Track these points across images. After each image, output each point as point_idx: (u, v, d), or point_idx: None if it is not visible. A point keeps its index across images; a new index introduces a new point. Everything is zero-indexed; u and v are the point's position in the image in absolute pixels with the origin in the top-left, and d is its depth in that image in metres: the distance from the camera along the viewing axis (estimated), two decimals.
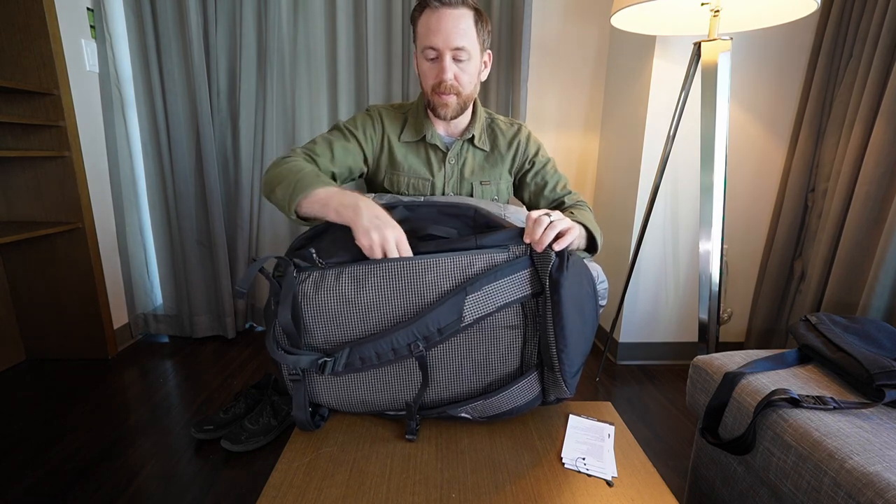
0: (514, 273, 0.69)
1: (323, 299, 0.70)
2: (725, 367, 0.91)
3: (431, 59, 0.91)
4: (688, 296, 1.82)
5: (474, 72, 0.94)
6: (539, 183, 1.05)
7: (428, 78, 0.93)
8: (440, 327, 0.69)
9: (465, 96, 0.93)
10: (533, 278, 0.70)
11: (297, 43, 1.81)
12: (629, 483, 0.65)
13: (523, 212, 0.89)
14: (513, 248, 0.71)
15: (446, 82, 0.90)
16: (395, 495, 0.62)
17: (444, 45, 0.87)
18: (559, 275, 0.67)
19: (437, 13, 0.87)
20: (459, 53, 0.89)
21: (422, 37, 0.90)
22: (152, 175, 1.87)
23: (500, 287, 0.69)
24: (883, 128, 1.28)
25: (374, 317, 0.70)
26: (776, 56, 1.62)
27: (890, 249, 1.23)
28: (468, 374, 0.73)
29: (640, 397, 1.61)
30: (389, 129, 1.00)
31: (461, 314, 0.68)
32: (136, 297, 1.96)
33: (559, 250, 0.69)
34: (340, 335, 0.71)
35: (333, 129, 0.99)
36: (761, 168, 1.73)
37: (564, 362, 0.69)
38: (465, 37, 0.88)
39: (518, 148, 1.04)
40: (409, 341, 0.69)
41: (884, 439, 0.69)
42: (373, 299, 0.70)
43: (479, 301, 0.68)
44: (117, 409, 1.46)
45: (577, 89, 1.95)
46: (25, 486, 1.13)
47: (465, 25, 0.88)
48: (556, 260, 0.68)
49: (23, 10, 1.50)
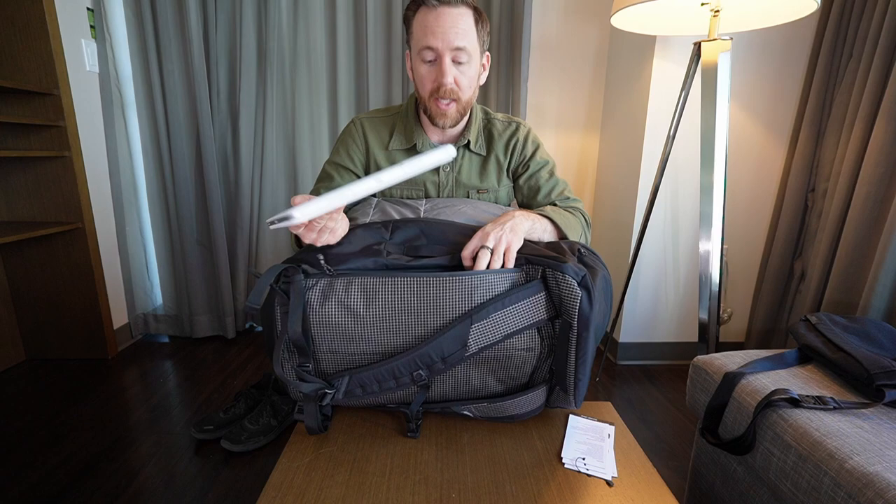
0: (523, 300, 0.66)
1: (329, 311, 0.67)
2: (725, 367, 0.91)
3: (429, 62, 0.85)
4: (688, 296, 1.82)
5: (474, 75, 0.88)
6: (532, 187, 0.97)
7: (425, 82, 0.87)
8: (444, 357, 0.66)
9: (464, 102, 0.88)
10: (545, 304, 0.67)
11: (297, 43, 1.81)
12: (629, 483, 0.65)
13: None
14: (526, 269, 0.69)
15: (446, 86, 0.84)
16: (395, 495, 0.62)
17: (443, 45, 0.82)
18: (589, 311, 0.64)
19: (436, 11, 0.81)
20: (459, 55, 0.83)
21: (418, 37, 0.84)
22: (152, 175, 1.87)
23: (507, 314, 0.65)
24: (883, 128, 1.28)
25: (383, 334, 0.67)
26: (776, 56, 1.62)
27: (890, 249, 1.23)
28: (472, 384, 0.72)
29: (640, 397, 1.61)
30: (373, 141, 0.95)
31: (466, 343, 0.65)
32: (136, 297, 1.96)
33: (582, 281, 0.65)
34: (347, 349, 0.68)
35: (324, 171, 0.97)
36: (761, 168, 1.73)
37: (580, 388, 0.69)
38: (465, 37, 0.82)
39: (514, 149, 0.97)
40: (412, 371, 0.67)
41: (884, 439, 0.69)
42: (384, 315, 0.66)
43: (485, 329, 0.65)
44: (117, 409, 1.46)
45: (577, 89, 1.95)
46: (25, 486, 1.13)
47: (466, 25, 0.82)
48: (583, 294, 0.64)
49: (23, 10, 1.50)
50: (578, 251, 0.74)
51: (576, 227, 0.88)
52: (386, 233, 0.74)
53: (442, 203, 0.87)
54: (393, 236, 0.74)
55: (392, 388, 0.69)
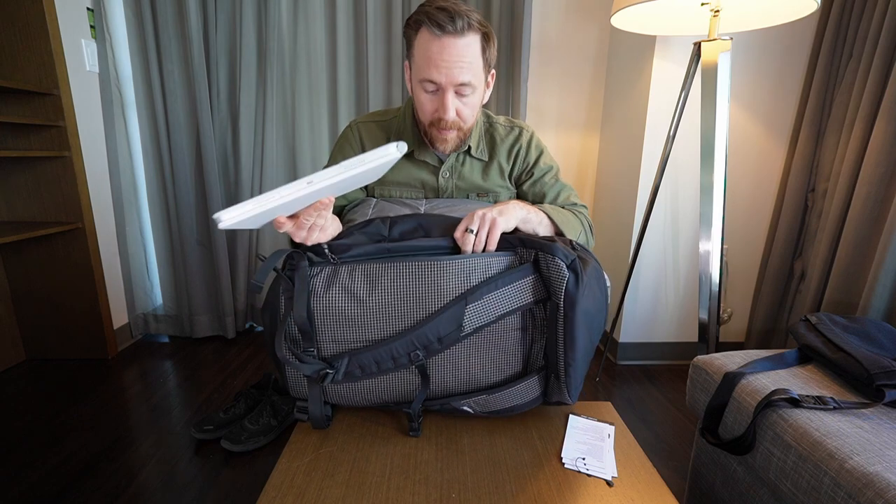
0: (515, 281, 0.68)
1: (333, 297, 0.68)
2: (725, 367, 0.91)
3: (430, 92, 0.81)
4: (688, 296, 1.82)
5: (478, 102, 0.84)
6: (537, 193, 0.96)
7: (426, 111, 0.83)
8: (440, 337, 0.68)
9: (466, 130, 0.86)
10: (536, 286, 0.69)
11: (297, 43, 1.81)
12: (629, 483, 0.65)
13: None
14: (520, 252, 0.71)
15: (447, 121, 0.81)
16: (396, 495, 0.62)
17: (446, 81, 0.77)
18: (576, 292, 0.65)
19: (440, 42, 0.75)
20: (464, 89, 0.79)
21: (419, 66, 0.79)
22: (152, 175, 1.87)
23: (500, 296, 0.68)
24: (883, 128, 1.28)
25: (385, 319, 0.69)
26: (776, 56, 1.62)
27: (890, 249, 1.23)
28: (471, 372, 0.73)
29: (640, 397, 1.61)
30: (370, 145, 0.93)
31: (461, 323, 0.68)
32: (136, 297, 1.96)
33: (571, 265, 0.66)
34: (348, 336, 0.70)
35: None
36: (761, 168, 1.73)
37: (571, 375, 0.70)
38: (470, 69, 0.77)
39: (518, 155, 0.96)
40: (409, 351, 0.68)
41: (884, 439, 0.69)
42: (387, 299, 0.68)
43: (479, 310, 0.68)
44: (117, 409, 1.46)
45: (577, 89, 1.95)
46: (25, 486, 1.13)
47: (472, 56, 0.77)
48: (570, 276, 0.66)
49: (23, 10, 1.50)
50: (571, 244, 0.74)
51: (574, 226, 0.87)
52: (384, 227, 0.75)
53: (442, 203, 0.88)
54: (391, 231, 0.75)
55: (391, 369, 0.70)
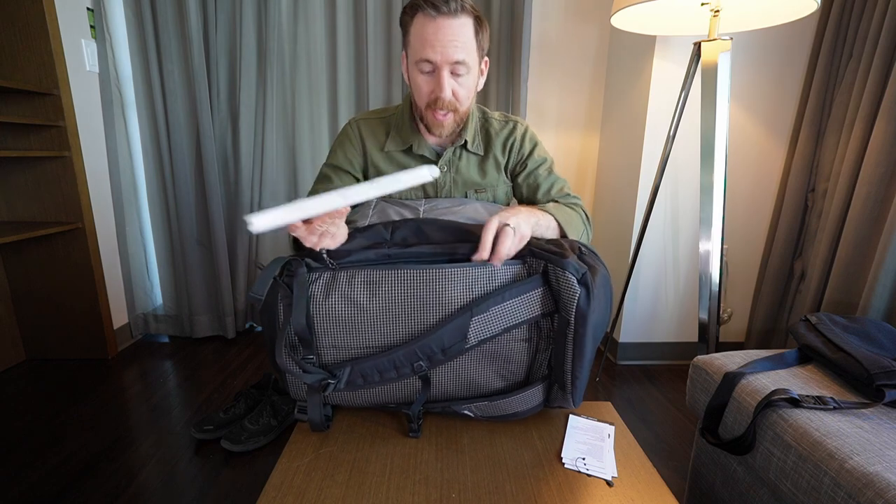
0: (523, 293, 0.67)
1: (332, 304, 0.67)
2: (725, 367, 0.91)
3: (427, 72, 0.83)
4: (688, 296, 1.82)
5: (472, 85, 0.87)
6: (531, 185, 0.97)
7: (422, 93, 0.85)
8: (444, 348, 0.67)
9: (462, 112, 0.87)
10: (545, 298, 0.68)
11: (297, 43, 1.81)
12: (629, 483, 0.65)
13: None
14: (528, 262, 0.70)
15: (444, 99, 0.83)
16: (396, 495, 0.62)
17: (441, 59, 0.80)
18: (587, 308, 0.64)
19: (435, 23, 0.78)
20: (458, 67, 0.81)
21: (415, 48, 0.82)
22: (152, 175, 1.87)
23: (507, 308, 0.67)
24: (883, 128, 1.28)
25: (386, 325, 0.68)
26: (776, 56, 1.62)
27: (890, 249, 1.23)
28: (473, 380, 0.72)
29: (640, 397, 1.61)
30: (370, 141, 0.95)
31: (466, 335, 0.67)
32: (136, 297, 1.96)
33: (582, 279, 0.65)
34: (349, 342, 0.69)
35: (323, 173, 0.96)
36: (761, 168, 1.73)
37: (577, 387, 0.69)
38: (464, 49, 0.80)
39: (512, 148, 0.97)
40: (412, 361, 0.67)
41: (884, 439, 0.69)
42: (388, 305, 0.67)
43: (485, 322, 0.67)
44: (117, 409, 1.46)
45: (577, 89, 1.95)
46: (25, 486, 1.13)
47: (465, 36, 0.80)
48: (581, 291, 0.64)
49: (23, 10, 1.50)
50: (579, 249, 0.74)
51: (577, 226, 0.88)
52: (387, 233, 0.75)
53: (441, 204, 0.87)
54: (393, 236, 0.74)
55: (393, 379, 0.69)
